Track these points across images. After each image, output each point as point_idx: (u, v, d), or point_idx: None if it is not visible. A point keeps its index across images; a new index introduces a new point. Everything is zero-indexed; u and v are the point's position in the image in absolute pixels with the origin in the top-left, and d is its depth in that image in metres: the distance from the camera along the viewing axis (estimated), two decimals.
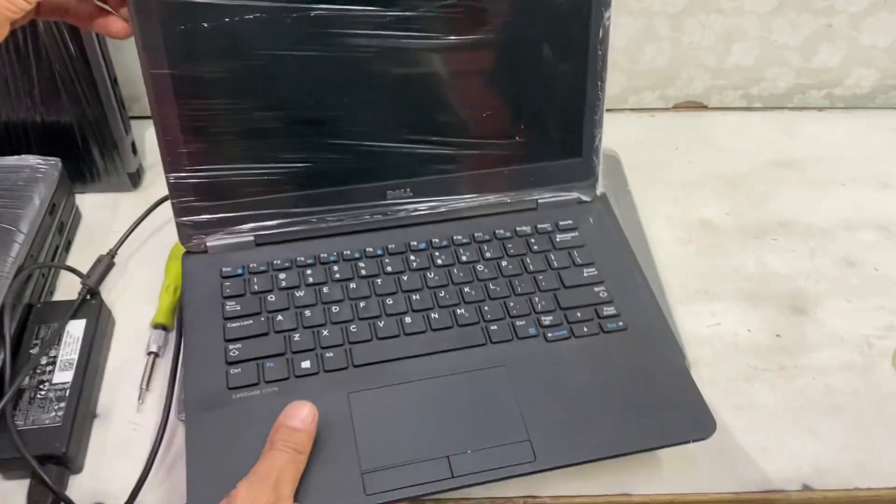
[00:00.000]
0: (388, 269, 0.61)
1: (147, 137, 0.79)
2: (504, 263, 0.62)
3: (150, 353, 0.62)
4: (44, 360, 0.58)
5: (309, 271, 0.60)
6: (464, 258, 0.62)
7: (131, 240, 0.69)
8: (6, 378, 0.56)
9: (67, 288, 0.68)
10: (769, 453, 0.58)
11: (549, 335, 0.57)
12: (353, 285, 0.60)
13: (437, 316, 0.58)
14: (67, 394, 0.56)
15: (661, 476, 0.56)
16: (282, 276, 0.60)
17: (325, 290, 0.59)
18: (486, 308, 0.59)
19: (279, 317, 0.57)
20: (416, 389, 0.54)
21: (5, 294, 0.58)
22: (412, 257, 0.62)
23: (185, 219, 0.60)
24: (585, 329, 0.58)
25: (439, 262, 0.62)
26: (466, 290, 0.60)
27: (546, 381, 0.55)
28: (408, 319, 0.58)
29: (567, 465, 0.51)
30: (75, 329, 0.60)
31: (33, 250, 0.63)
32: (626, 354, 0.57)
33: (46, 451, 0.54)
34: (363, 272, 0.60)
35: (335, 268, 0.61)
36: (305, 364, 0.55)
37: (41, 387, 0.57)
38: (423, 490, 0.49)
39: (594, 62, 0.62)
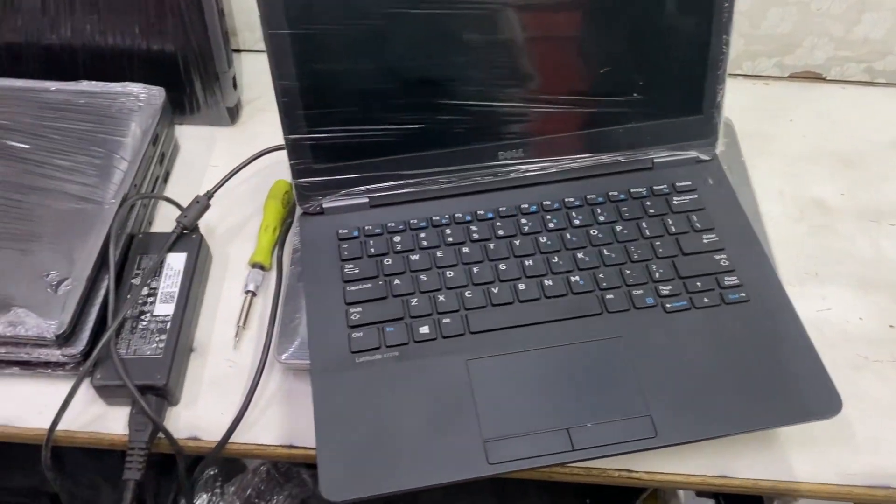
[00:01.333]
0: (500, 232, 0.60)
1: (246, 72, 0.78)
2: (619, 228, 0.60)
3: (247, 292, 0.62)
4: (145, 291, 0.59)
5: (422, 234, 0.59)
6: (576, 222, 0.60)
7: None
8: (110, 306, 0.56)
9: (164, 220, 0.68)
10: (877, 447, 0.56)
11: (668, 305, 0.56)
12: (465, 249, 0.59)
13: (550, 283, 0.57)
14: (168, 326, 0.57)
15: (762, 461, 0.55)
16: (396, 238, 0.59)
17: (438, 254, 0.58)
18: (601, 275, 0.57)
19: (396, 280, 0.57)
20: (533, 358, 0.53)
21: (112, 222, 0.58)
22: (523, 220, 0.60)
23: (302, 180, 0.59)
24: (706, 300, 0.56)
25: (551, 225, 0.60)
26: (580, 255, 0.58)
27: (665, 354, 0.53)
28: (521, 286, 0.56)
29: (689, 442, 0.50)
30: (176, 262, 0.60)
31: (137, 179, 0.63)
32: (748, 327, 0.55)
33: (147, 382, 0.54)
34: (475, 236, 0.59)
35: (447, 231, 0.60)
36: (424, 329, 0.54)
37: (142, 317, 0.57)
38: (545, 462, 0.49)
39: (720, 14, 0.59)
